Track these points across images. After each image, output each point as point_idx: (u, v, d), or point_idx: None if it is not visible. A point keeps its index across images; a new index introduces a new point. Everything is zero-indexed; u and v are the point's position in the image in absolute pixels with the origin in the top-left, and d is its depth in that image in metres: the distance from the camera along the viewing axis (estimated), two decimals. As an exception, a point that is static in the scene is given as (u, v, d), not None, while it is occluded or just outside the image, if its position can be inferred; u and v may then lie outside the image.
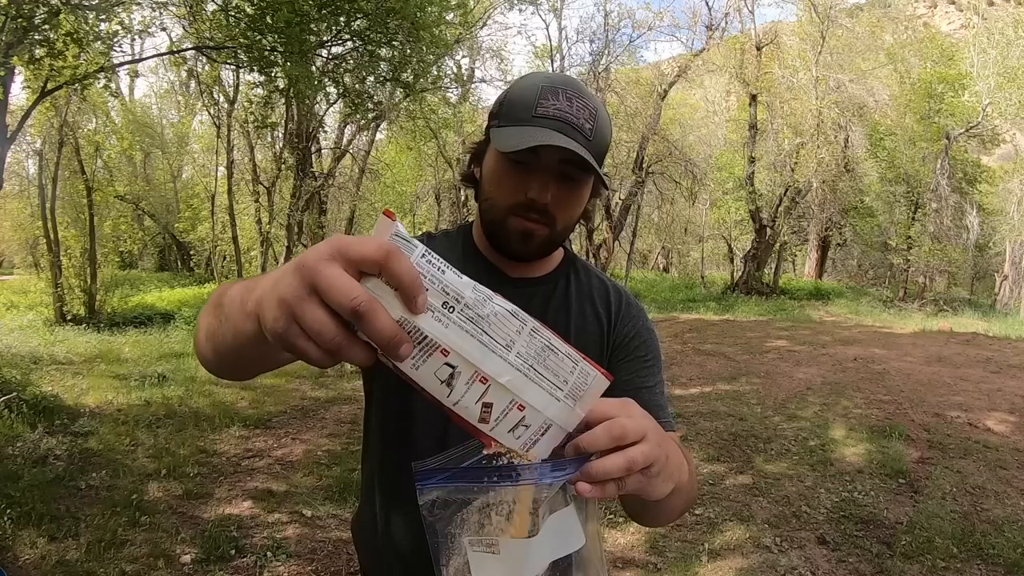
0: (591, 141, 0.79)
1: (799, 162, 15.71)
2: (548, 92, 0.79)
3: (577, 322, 0.91)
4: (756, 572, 2.65)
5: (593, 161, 0.78)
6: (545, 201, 0.81)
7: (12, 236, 16.68)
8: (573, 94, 0.80)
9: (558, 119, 0.78)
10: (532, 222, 0.83)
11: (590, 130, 0.79)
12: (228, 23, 6.18)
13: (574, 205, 0.85)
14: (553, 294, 0.92)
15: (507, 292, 0.80)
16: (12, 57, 4.98)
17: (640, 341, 0.92)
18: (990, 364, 7.22)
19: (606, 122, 0.83)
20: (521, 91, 0.81)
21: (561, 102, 0.79)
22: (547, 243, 0.86)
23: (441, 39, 7.64)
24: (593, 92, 0.83)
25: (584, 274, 0.97)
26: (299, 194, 12.80)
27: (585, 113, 0.79)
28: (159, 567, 2.56)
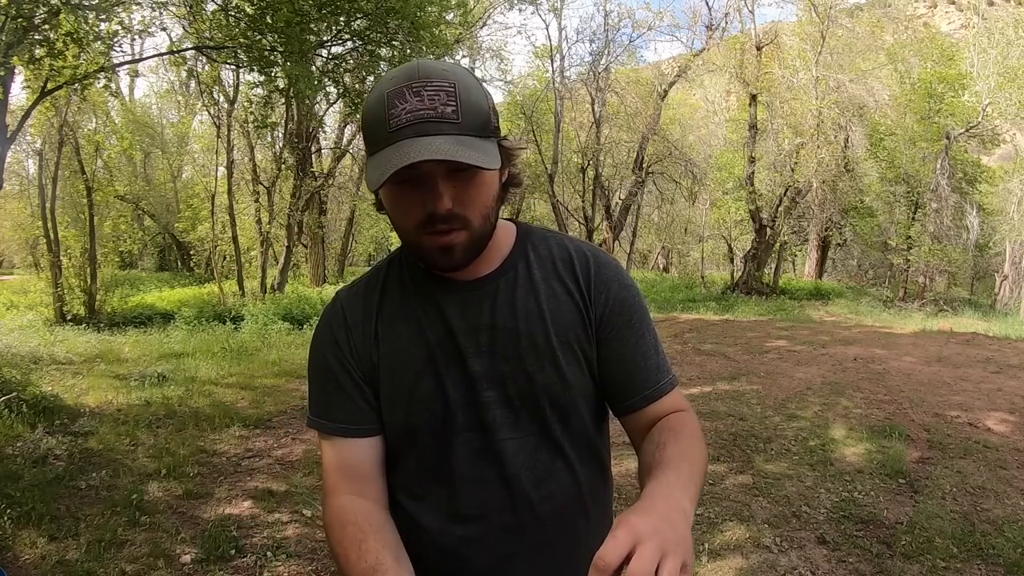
0: (459, 122, 0.72)
1: (799, 162, 15.70)
2: (394, 98, 0.72)
3: (550, 305, 0.86)
4: (756, 572, 2.65)
5: (474, 148, 0.72)
6: (446, 208, 0.75)
7: (12, 236, 16.69)
8: (419, 85, 0.72)
9: (413, 123, 0.71)
10: (444, 234, 0.77)
11: (454, 112, 0.72)
12: (228, 23, 6.18)
13: (481, 194, 0.78)
14: (516, 283, 0.86)
15: (465, 297, 0.85)
16: (12, 57, 4.98)
17: (622, 305, 0.88)
18: (990, 364, 7.22)
19: (473, 89, 0.75)
20: (372, 108, 0.75)
21: (411, 102, 0.72)
22: (471, 246, 0.80)
23: (441, 39, 7.64)
24: (448, 64, 0.76)
25: (543, 247, 0.90)
26: (299, 194, 12.81)
27: (441, 97, 0.72)
28: (159, 567, 2.56)
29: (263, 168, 13.46)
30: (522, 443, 0.86)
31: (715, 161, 18.31)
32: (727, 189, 17.52)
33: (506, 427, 0.85)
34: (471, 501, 0.85)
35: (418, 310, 0.86)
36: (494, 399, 0.84)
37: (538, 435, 0.86)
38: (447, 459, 0.85)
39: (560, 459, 0.87)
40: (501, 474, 0.85)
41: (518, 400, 0.85)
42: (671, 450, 0.80)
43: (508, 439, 0.85)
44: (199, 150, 18.41)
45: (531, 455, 0.86)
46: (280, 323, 9.02)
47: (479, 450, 0.85)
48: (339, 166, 16.67)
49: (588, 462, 0.90)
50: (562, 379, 0.85)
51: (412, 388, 0.85)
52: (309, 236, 15.38)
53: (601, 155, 17.16)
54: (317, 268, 15.80)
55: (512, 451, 0.85)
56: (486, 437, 0.85)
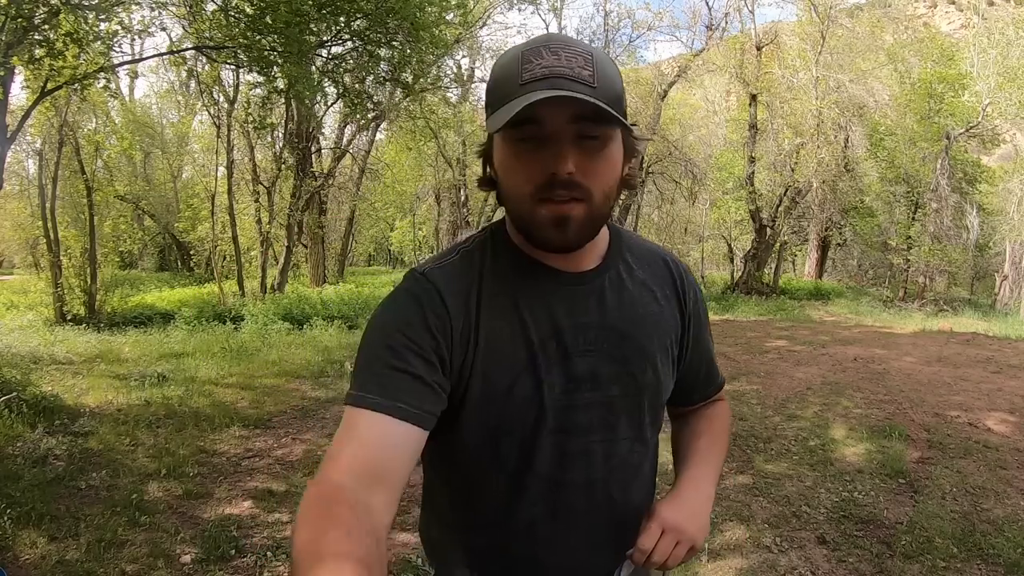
0: (596, 88, 0.68)
1: (799, 162, 15.70)
2: (530, 55, 0.70)
3: (653, 308, 0.86)
4: (756, 572, 2.65)
5: (608, 108, 0.67)
6: (568, 171, 0.70)
7: (12, 236, 16.69)
8: (558, 46, 0.70)
9: (548, 76, 0.68)
10: (563, 203, 0.72)
11: (590, 76, 0.68)
12: (228, 23, 6.18)
13: (606, 168, 0.73)
14: (620, 283, 0.84)
15: (572, 292, 0.82)
16: (12, 57, 4.98)
17: (701, 304, 0.94)
18: (990, 364, 7.22)
19: (610, 67, 0.72)
20: (503, 66, 0.72)
21: (547, 59, 0.69)
22: (589, 222, 0.74)
23: (441, 39, 7.64)
24: (581, 42, 0.73)
25: (639, 249, 0.89)
26: (299, 194, 12.80)
27: (579, 60, 0.69)
28: (159, 567, 2.56)
29: (263, 168, 13.45)
30: (614, 446, 0.85)
31: (715, 161, 18.31)
32: (727, 189, 17.53)
33: (602, 429, 0.83)
34: (557, 503, 0.83)
35: (522, 305, 0.79)
36: (592, 401, 0.81)
37: (632, 438, 0.86)
38: (529, 461, 0.81)
39: (647, 461, 0.91)
40: (587, 477, 0.83)
41: (620, 403, 0.83)
42: (705, 441, 0.96)
43: (600, 441, 0.83)
44: (199, 150, 18.40)
45: (623, 459, 0.86)
46: (280, 323, 9.01)
47: (569, 451, 0.82)
48: (339, 166, 16.66)
49: (654, 461, 0.96)
50: (659, 383, 0.86)
51: (509, 390, 0.78)
52: (309, 236, 15.37)
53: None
54: (317, 268, 15.80)
55: (603, 455, 0.84)
56: (576, 439, 0.82)
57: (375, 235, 28.48)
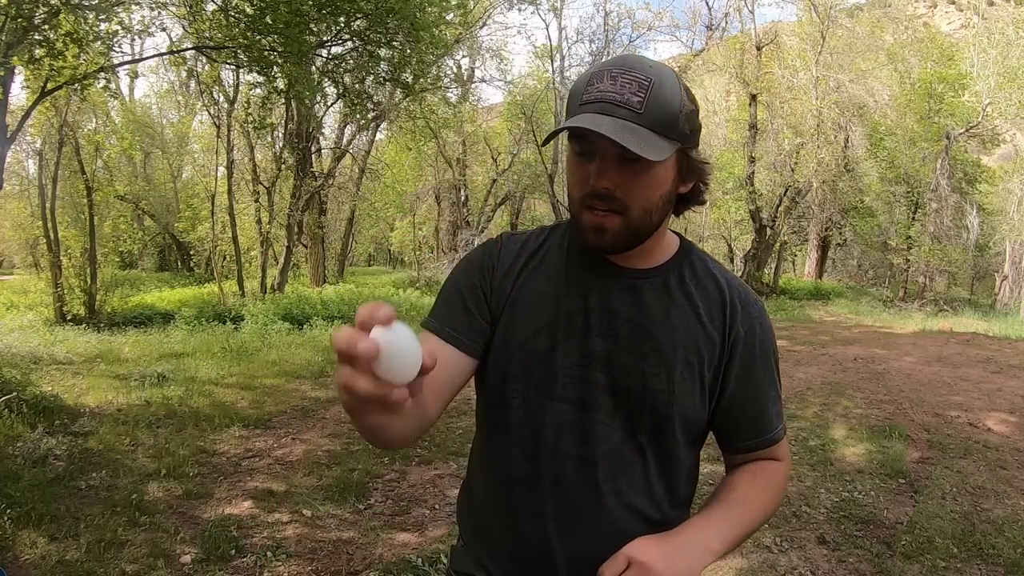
0: (641, 114, 0.76)
1: (799, 162, 15.71)
2: (596, 77, 0.78)
3: (688, 322, 0.87)
4: (756, 572, 2.65)
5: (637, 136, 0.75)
6: (604, 186, 0.79)
7: (12, 236, 16.69)
8: (619, 71, 0.77)
9: (599, 101, 0.77)
10: (600, 213, 0.81)
11: (639, 103, 0.76)
12: (228, 23, 6.18)
13: (645, 186, 0.80)
14: (665, 290, 0.88)
15: (613, 283, 0.90)
16: (12, 57, 4.98)
17: (761, 342, 0.89)
18: (990, 364, 7.22)
19: (669, 89, 0.78)
20: (578, 82, 0.81)
21: (605, 83, 0.77)
22: (623, 233, 0.82)
23: (441, 39, 7.64)
24: (659, 64, 0.80)
25: (700, 267, 0.92)
26: (299, 194, 12.80)
27: (632, 87, 0.76)
28: (159, 567, 2.56)
29: (263, 168, 13.45)
30: (611, 431, 0.87)
31: (715, 161, 18.31)
32: (727, 189, 17.53)
33: (604, 411, 0.86)
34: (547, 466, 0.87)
35: (563, 276, 0.90)
36: (602, 381, 0.86)
37: (626, 432, 0.87)
38: (533, 422, 0.88)
39: (642, 463, 0.88)
40: (582, 453, 0.87)
41: (624, 393, 0.86)
42: (739, 493, 0.90)
43: (601, 423, 0.87)
44: (199, 150, 18.40)
45: (615, 448, 0.87)
46: (280, 323, 9.01)
47: (568, 423, 0.87)
48: (339, 166, 16.66)
49: (666, 480, 0.90)
50: (671, 392, 0.85)
51: (524, 341, 0.88)
52: (309, 236, 15.37)
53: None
54: (317, 268, 15.79)
55: (600, 435, 0.87)
56: (579, 413, 0.86)
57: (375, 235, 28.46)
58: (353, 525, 3.03)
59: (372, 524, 3.03)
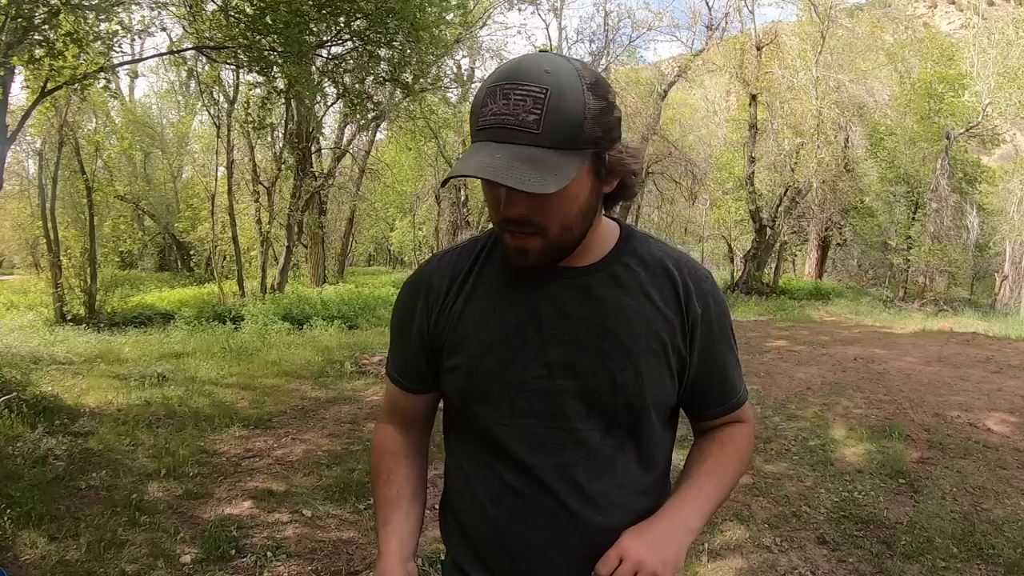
0: (538, 132, 0.70)
1: (799, 162, 15.71)
2: (488, 96, 0.73)
3: (644, 310, 0.86)
4: (756, 572, 2.65)
5: (533, 168, 0.70)
6: (516, 215, 0.76)
7: (12, 236, 16.67)
8: (511, 86, 0.71)
9: (493, 127, 0.72)
10: (520, 237, 0.79)
11: (535, 121, 0.70)
12: (228, 23, 6.18)
13: (559, 206, 0.76)
14: (614, 282, 0.86)
15: (559, 284, 0.88)
16: (12, 57, 4.98)
17: (716, 319, 0.90)
18: (990, 364, 7.22)
19: (568, 94, 0.72)
20: (476, 99, 0.76)
21: (498, 103, 0.71)
22: (547, 252, 0.81)
23: (441, 39, 7.64)
24: (555, 64, 0.73)
25: (646, 249, 0.90)
26: (299, 194, 12.81)
27: (527, 103, 0.70)
28: (159, 567, 2.56)
29: (263, 168, 13.45)
30: (586, 436, 0.85)
31: (715, 161, 18.33)
32: (727, 189, 17.54)
33: (576, 417, 0.85)
34: (524, 480, 0.86)
35: (502, 291, 0.88)
36: (568, 388, 0.84)
37: (603, 432, 0.86)
38: (503, 442, 0.86)
39: (620, 460, 0.87)
40: (557, 463, 0.85)
41: (593, 395, 0.84)
42: (708, 465, 0.92)
43: (575, 430, 0.86)
44: (199, 150, 18.41)
45: (593, 450, 0.86)
46: (280, 323, 9.02)
47: (541, 436, 0.85)
48: (339, 166, 16.67)
49: (648, 469, 0.91)
50: (640, 383, 0.85)
51: (473, 365, 0.87)
52: (309, 236, 15.38)
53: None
54: (317, 268, 15.80)
55: (576, 441, 0.86)
56: (551, 425, 0.85)
57: (375, 235, 28.48)
58: (353, 525, 3.03)
59: (372, 524, 3.03)
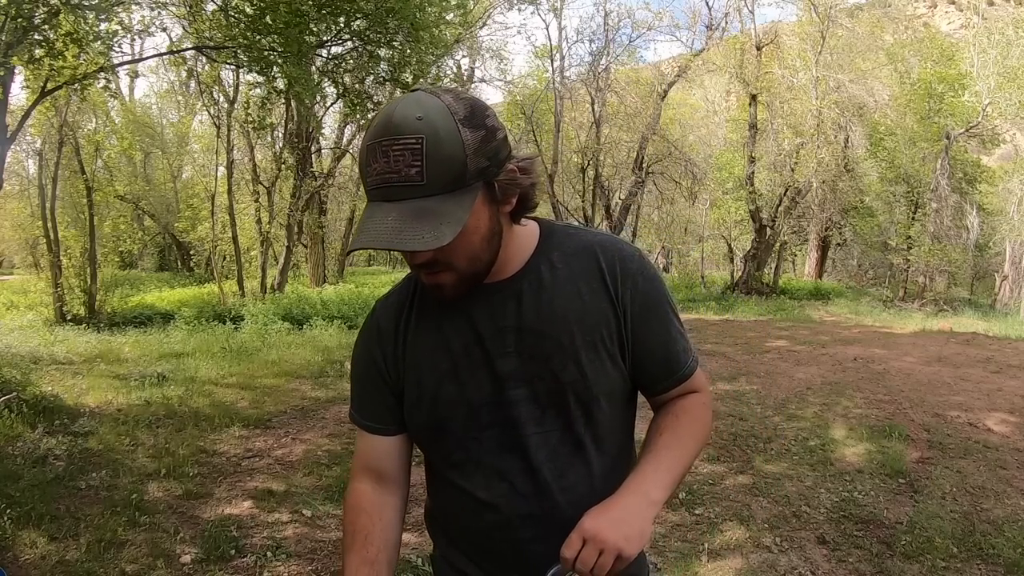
0: (424, 183, 0.73)
1: (799, 162, 15.70)
2: (369, 155, 0.75)
3: (575, 305, 0.88)
4: (756, 572, 2.65)
5: (423, 219, 0.73)
6: (421, 261, 0.80)
7: (12, 236, 16.67)
8: (388, 142, 0.73)
9: (380, 186, 0.74)
10: (432, 275, 0.82)
11: (418, 173, 0.72)
12: (228, 23, 6.18)
13: (461, 243, 0.77)
14: (540, 285, 0.88)
15: (491, 299, 0.89)
16: (12, 57, 4.98)
17: (648, 298, 0.90)
18: (990, 364, 7.22)
19: (444, 138, 0.73)
20: (360, 156, 0.78)
21: (379, 163, 0.73)
22: (461, 284, 0.84)
23: (441, 39, 7.63)
24: (424, 107, 0.74)
25: (568, 245, 0.91)
26: (299, 194, 12.81)
27: (406, 158, 0.72)
28: (159, 567, 2.56)
29: (263, 168, 13.45)
30: (545, 437, 0.89)
31: (715, 161, 18.31)
32: (727, 189, 17.52)
33: (531, 423, 0.89)
34: (498, 490, 0.91)
35: (443, 319, 0.91)
36: (521, 397, 0.88)
37: (561, 429, 0.90)
38: (474, 452, 0.91)
39: (581, 452, 0.91)
40: (525, 466, 0.90)
41: (544, 397, 0.88)
42: (665, 438, 0.92)
43: (533, 434, 0.89)
44: (199, 150, 18.40)
45: (553, 449, 0.90)
46: (280, 323, 9.01)
47: (504, 444, 0.90)
48: (339, 166, 16.67)
49: (609, 452, 0.94)
50: (584, 378, 0.88)
51: (435, 394, 0.90)
52: (309, 236, 15.38)
53: (601, 155, 17.17)
54: (317, 268, 15.80)
55: (536, 445, 0.89)
56: (511, 432, 0.89)
57: (375, 235, 28.42)
58: (353, 525, 3.03)
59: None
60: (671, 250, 23.64)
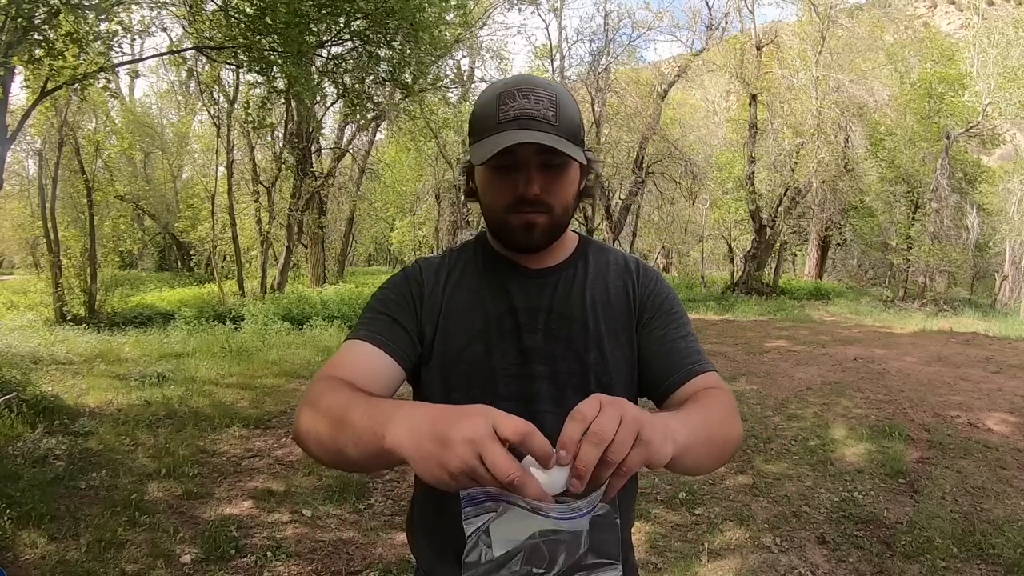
0: (557, 126, 0.85)
1: (799, 162, 15.71)
2: (506, 96, 0.85)
3: (602, 298, 0.97)
4: (756, 572, 2.65)
5: (565, 144, 0.84)
6: (534, 193, 0.87)
7: (12, 236, 16.68)
8: (528, 90, 0.85)
9: (520, 117, 0.84)
10: (530, 214, 0.89)
11: (554, 116, 0.85)
12: (228, 23, 6.18)
13: (564, 188, 0.90)
14: (575, 278, 0.98)
15: (529, 283, 0.98)
16: (12, 57, 4.98)
17: (663, 298, 0.99)
18: (990, 364, 7.22)
19: (569, 104, 0.88)
20: (483, 104, 0.88)
21: (519, 101, 0.85)
22: (550, 229, 0.92)
23: (440, 39, 7.63)
24: (551, 80, 0.89)
25: (600, 253, 1.03)
26: (299, 194, 12.81)
27: (545, 103, 0.85)
28: (159, 567, 2.56)
29: (263, 168, 13.45)
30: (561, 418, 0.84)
31: (715, 161, 18.31)
32: (727, 189, 17.53)
33: (549, 401, 0.92)
34: None
35: (484, 287, 0.98)
36: (543, 374, 0.93)
37: None
38: None
39: None
40: None
41: (565, 377, 0.93)
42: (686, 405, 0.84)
43: (548, 412, 0.91)
44: (199, 150, 18.40)
45: None
46: (280, 323, 9.01)
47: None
48: (339, 166, 16.66)
49: None
50: (605, 362, 0.93)
51: (461, 351, 0.94)
52: (309, 236, 15.37)
53: (601, 155, 17.16)
54: (317, 268, 15.80)
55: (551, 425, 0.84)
56: (526, 408, 0.91)
57: (375, 235, 28.47)
58: (353, 525, 3.03)
59: (372, 524, 3.03)
60: (671, 250, 23.65)
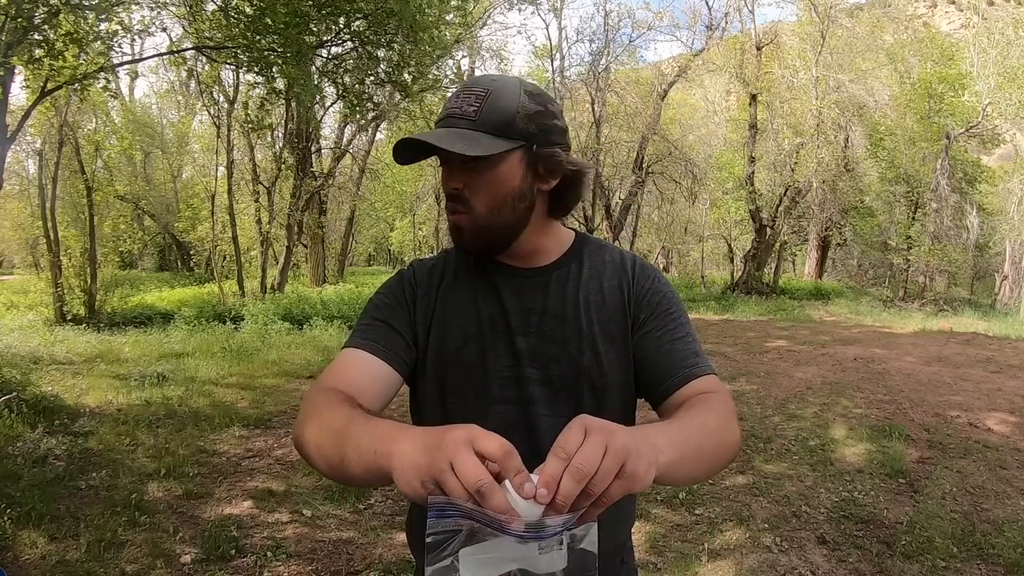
0: (475, 121, 0.85)
1: (799, 162, 15.70)
2: (450, 98, 0.88)
3: (596, 298, 0.95)
4: (756, 572, 2.65)
5: (471, 137, 0.83)
6: (453, 186, 0.88)
7: (12, 236, 16.66)
8: (465, 90, 0.87)
9: (445, 116, 0.87)
10: (455, 213, 0.89)
11: (474, 112, 0.85)
12: (228, 23, 6.18)
13: (488, 185, 0.87)
14: (568, 278, 0.96)
15: (521, 284, 0.96)
16: (12, 57, 4.98)
17: (661, 296, 0.96)
18: (990, 364, 7.22)
19: (507, 96, 0.86)
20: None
21: (451, 103, 0.87)
22: (478, 232, 0.89)
23: (440, 40, 7.63)
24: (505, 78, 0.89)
25: (597, 251, 1.00)
26: (299, 194, 12.80)
27: (470, 100, 0.86)
28: (159, 567, 2.56)
29: (263, 168, 13.45)
30: (555, 422, 0.85)
31: (715, 161, 18.31)
32: (727, 189, 17.53)
33: (543, 403, 0.91)
34: None
35: (476, 288, 0.96)
36: (535, 376, 0.91)
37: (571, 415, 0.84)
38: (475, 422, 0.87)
39: None
40: (531, 449, 0.83)
41: (559, 380, 0.91)
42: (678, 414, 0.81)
43: (543, 415, 0.91)
44: (199, 150, 18.40)
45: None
46: (280, 323, 9.01)
47: (512, 422, 0.90)
48: (339, 166, 16.66)
49: None
50: (600, 365, 0.91)
51: (456, 353, 0.93)
52: (309, 236, 15.37)
53: (601, 155, 17.15)
54: (317, 268, 15.80)
55: (545, 427, 0.89)
56: (521, 411, 0.91)
57: (375, 235, 28.49)
58: (353, 525, 3.03)
59: (372, 524, 3.03)
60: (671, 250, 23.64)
